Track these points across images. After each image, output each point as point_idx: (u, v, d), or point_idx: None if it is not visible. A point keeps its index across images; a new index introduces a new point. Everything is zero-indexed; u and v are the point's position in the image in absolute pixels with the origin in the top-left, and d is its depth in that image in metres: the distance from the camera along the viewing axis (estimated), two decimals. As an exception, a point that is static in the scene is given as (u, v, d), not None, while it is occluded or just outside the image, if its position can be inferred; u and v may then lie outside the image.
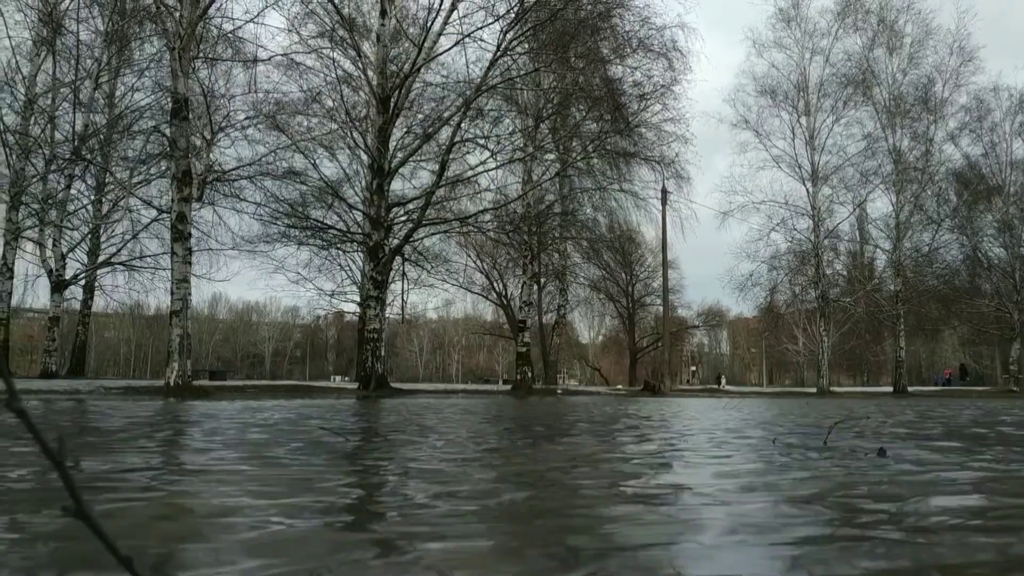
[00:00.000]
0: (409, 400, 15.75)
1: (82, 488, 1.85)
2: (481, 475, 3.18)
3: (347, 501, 2.50)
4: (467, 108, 21.07)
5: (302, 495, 2.57)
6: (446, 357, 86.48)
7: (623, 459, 3.89)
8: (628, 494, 2.67)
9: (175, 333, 16.10)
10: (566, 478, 3.10)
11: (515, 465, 3.59)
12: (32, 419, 0.64)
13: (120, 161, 25.21)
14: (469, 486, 2.83)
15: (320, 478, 3.03)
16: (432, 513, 2.24)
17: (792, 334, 49.76)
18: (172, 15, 17.67)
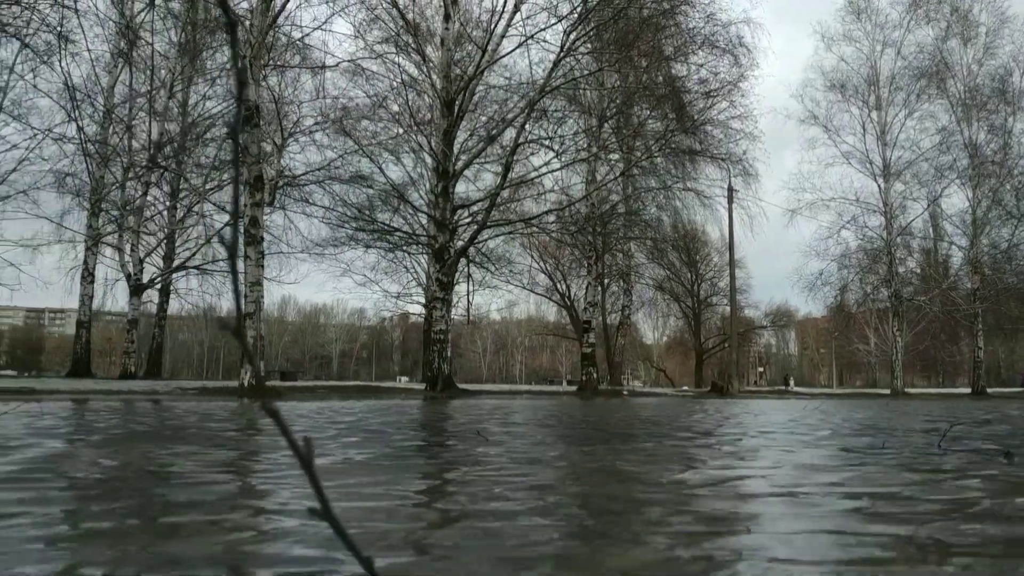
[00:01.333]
0: (479, 401, 15.81)
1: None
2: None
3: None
4: (531, 109, 21.10)
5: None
6: (509, 358, 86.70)
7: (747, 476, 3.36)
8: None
9: (248, 335, 16.47)
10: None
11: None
12: (284, 420, 0.66)
13: (194, 168, 25.92)
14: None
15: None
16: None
17: (863, 334, 48.54)
18: (243, 24, 18.11)
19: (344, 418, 7.83)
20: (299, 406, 10.88)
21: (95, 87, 25.58)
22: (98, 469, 3.29)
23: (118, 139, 25.67)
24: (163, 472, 3.20)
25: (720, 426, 7.22)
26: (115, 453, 3.94)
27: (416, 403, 13.48)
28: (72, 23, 20.51)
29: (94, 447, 4.32)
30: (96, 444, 4.51)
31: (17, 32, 18.71)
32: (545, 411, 10.67)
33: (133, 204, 25.33)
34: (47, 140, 24.53)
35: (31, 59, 24.04)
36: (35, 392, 13.21)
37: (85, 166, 25.14)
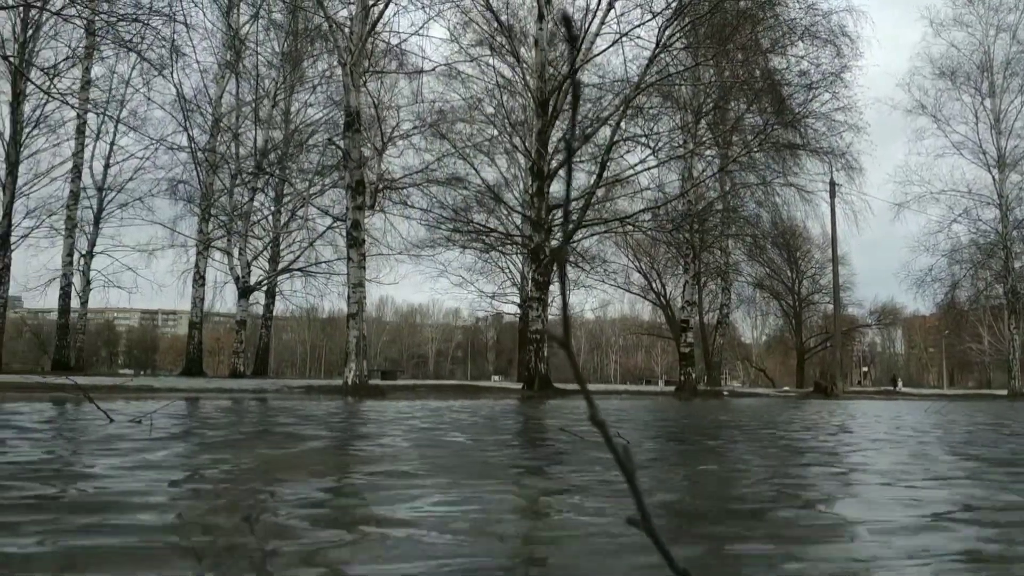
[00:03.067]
0: (578, 402, 15.79)
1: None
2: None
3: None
4: (626, 107, 20.96)
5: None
6: (603, 357, 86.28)
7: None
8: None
9: (352, 335, 16.90)
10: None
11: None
12: (609, 432, 0.68)
13: (297, 173, 26.76)
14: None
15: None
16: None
17: (976, 332, 46.34)
18: (343, 32, 18.58)
19: (473, 417, 7.95)
20: (428, 404, 11.09)
21: (204, 98, 26.74)
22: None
23: (226, 147, 26.72)
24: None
25: (855, 443, 7.01)
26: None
27: (525, 403, 13.58)
28: (183, 37, 21.49)
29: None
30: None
31: (134, 47, 19.61)
32: (658, 413, 10.59)
33: (240, 209, 26.33)
34: (161, 149, 25.80)
35: (145, 72, 25.35)
36: (154, 390, 13.86)
37: (196, 174, 26.32)
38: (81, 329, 28.65)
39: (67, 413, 7.26)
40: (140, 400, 10.16)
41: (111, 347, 69.08)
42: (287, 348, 74.68)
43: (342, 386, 16.95)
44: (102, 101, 26.06)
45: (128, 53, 23.66)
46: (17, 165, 24.44)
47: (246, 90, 27.68)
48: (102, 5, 19.25)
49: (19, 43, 23.60)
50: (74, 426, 5.69)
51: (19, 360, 54.68)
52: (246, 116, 27.31)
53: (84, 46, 25.08)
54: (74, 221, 26.44)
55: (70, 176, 26.41)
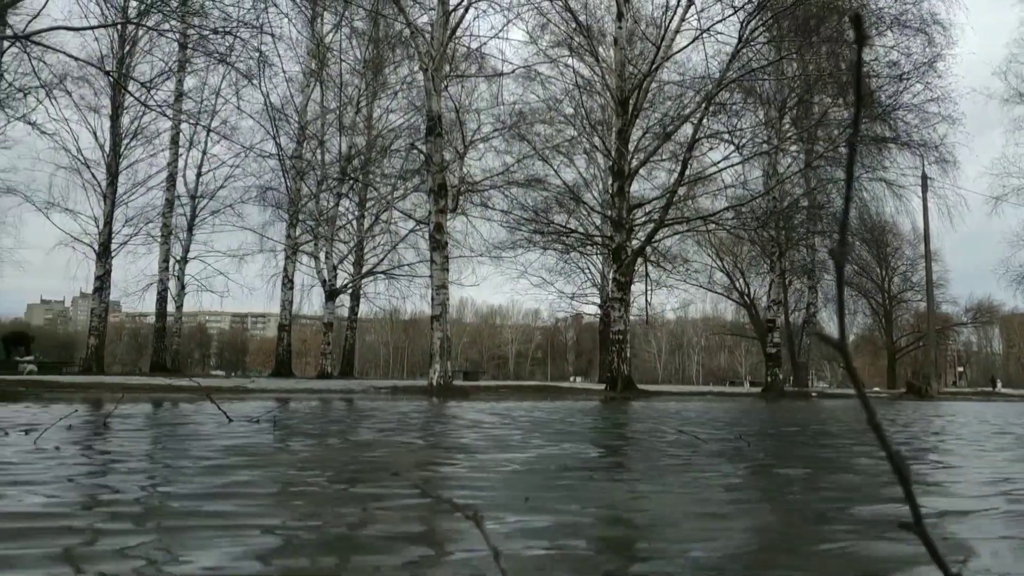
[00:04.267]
0: (664, 403, 15.65)
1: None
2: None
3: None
4: (708, 103, 20.65)
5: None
6: (685, 358, 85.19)
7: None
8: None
9: (436, 336, 17.12)
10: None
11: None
12: (885, 433, 0.68)
13: (380, 178, 27.25)
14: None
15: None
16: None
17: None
18: (424, 37, 18.84)
19: (588, 418, 7.97)
20: (521, 405, 11.18)
21: (290, 106, 27.49)
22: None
23: (312, 154, 27.40)
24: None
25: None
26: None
27: (613, 405, 13.54)
28: (270, 47, 22.13)
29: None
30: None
31: (223, 58, 20.23)
32: (761, 415, 10.42)
33: (326, 214, 26.96)
34: (250, 157, 26.62)
35: (235, 83, 26.19)
36: (248, 391, 14.30)
37: (284, 180, 27.06)
38: (176, 332, 29.74)
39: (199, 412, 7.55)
40: (241, 400, 10.51)
41: (203, 349, 71.59)
42: (371, 349, 76.08)
43: (427, 387, 17.18)
44: (194, 112, 27.02)
45: (218, 65, 24.53)
46: (117, 176, 25.57)
47: (330, 97, 28.37)
48: (193, 20, 19.95)
49: (118, 59, 24.68)
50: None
51: (119, 362, 57.34)
52: (330, 123, 27.97)
53: (177, 59, 26.08)
54: (169, 228, 27.49)
55: (165, 185, 27.50)
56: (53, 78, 20.45)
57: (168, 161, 27.61)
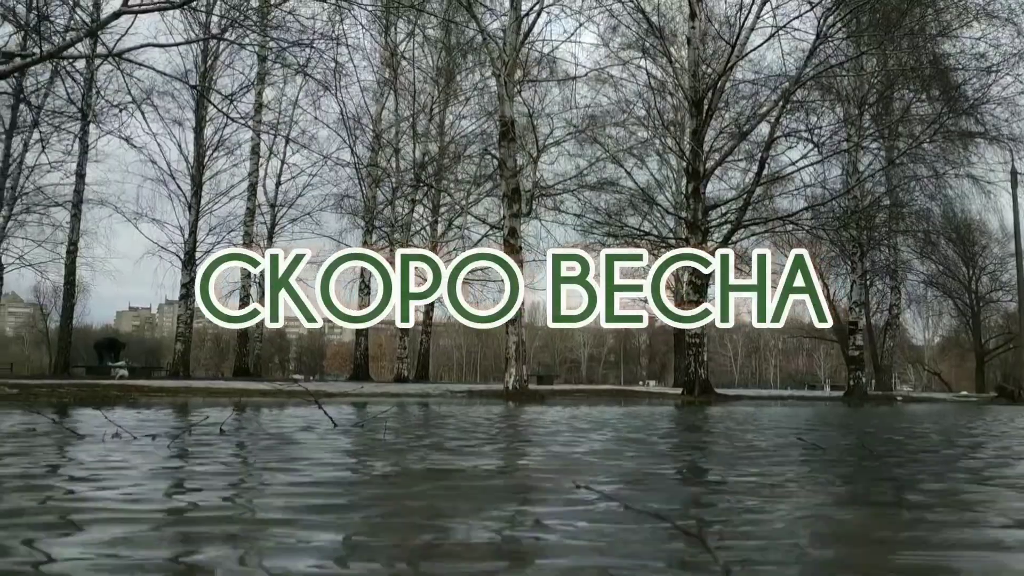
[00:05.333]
0: (746, 407, 15.40)
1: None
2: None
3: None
4: (786, 101, 20.27)
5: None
6: (762, 361, 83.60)
7: None
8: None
9: (511, 340, 17.20)
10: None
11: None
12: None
13: (453, 184, 27.54)
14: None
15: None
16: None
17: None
18: (496, 43, 18.97)
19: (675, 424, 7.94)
20: (604, 410, 11.17)
21: (365, 115, 28.00)
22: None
23: (387, 161, 27.85)
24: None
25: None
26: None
27: (693, 409, 13.40)
28: (345, 58, 22.57)
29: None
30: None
31: (302, 69, 20.71)
32: (853, 419, 10.20)
33: (401, 221, 27.35)
34: (327, 165, 27.21)
35: (312, 93, 26.84)
36: (330, 395, 14.59)
37: (360, 188, 27.57)
38: (258, 337, 30.54)
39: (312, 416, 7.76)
40: (328, 403, 10.72)
41: (283, 354, 73.33)
42: (444, 353, 76.82)
43: (503, 391, 17.26)
44: (273, 122, 27.75)
45: (295, 76, 25.17)
46: (201, 186, 26.43)
47: (404, 106, 28.80)
48: (273, 33, 20.48)
49: (200, 73, 25.52)
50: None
51: (203, 366, 59.16)
52: (404, 131, 28.39)
53: (257, 72, 26.85)
54: (251, 236, 28.25)
55: (246, 194, 28.30)
56: (141, 93, 21.20)
57: (249, 171, 28.40)
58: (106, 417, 5.98)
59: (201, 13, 22.32)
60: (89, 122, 19.55)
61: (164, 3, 12.96)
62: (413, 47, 28.33)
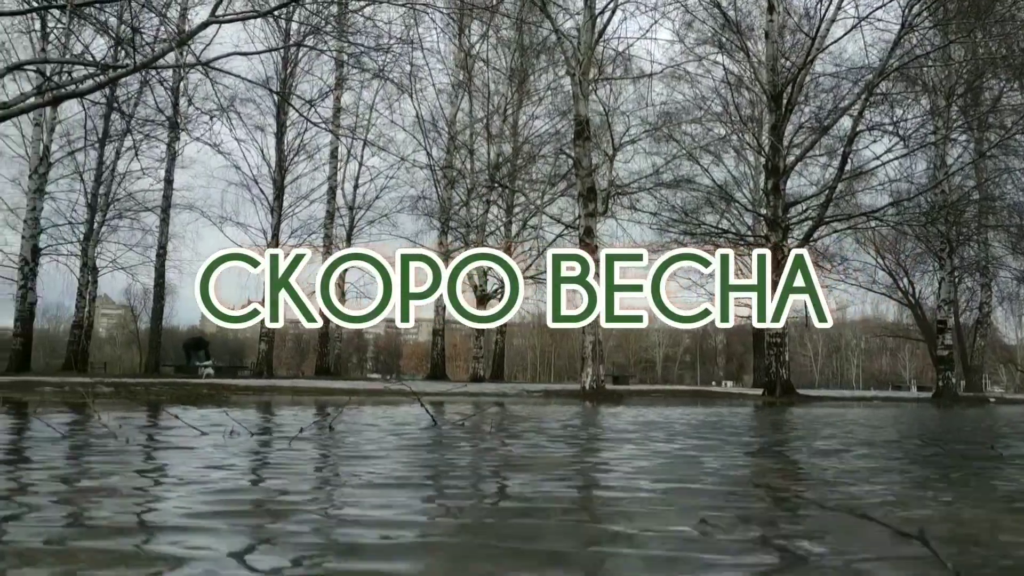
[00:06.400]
0: (832, 408, 15.06)
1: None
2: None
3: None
4: (869, 94, 19.72)
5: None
6: (843, 361, 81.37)
7: None
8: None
9: (588, 340, 17.16)
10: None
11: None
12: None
13: (528, 184, 27.61)
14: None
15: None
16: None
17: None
18: (571, 42, 18.94)
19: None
20: (696, 411, 11.09)
21: (440, 117, 28.31)
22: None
23: (461, 163, 28.09)
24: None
25: None
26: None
27: (775, 410, 13.19)
28: (420, 61, 22.84)
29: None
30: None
31: (379, 73, 21.03)
32: (950, 422, 9.89)
33: (476, 221, 27.55)
34: (404, 168, 27.63)
35: (388, 97, 27.28)
36: (412, 394, 14.78)
37: (435, 189, 27.88)
38: (338, 337, 31.18)
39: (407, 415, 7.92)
40: (412, 402, 10.90)
41: (361, 354, 74.59)
42: (518, 353, 76.93)
43: (579, 391, 17.24)
44: (352, 126, 28.29)
45: (371, 81, 25.61)
46: (283, 190, 27.10)
47: (478, 107, 29.00)
48: (351, 39, 20.87)
49: (281, 79, 26.18)
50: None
51: (284, 365, 60.65)
52: (478, 132, 28.59)
53: (335, 77, 27.41)
54: (330, 239, 28.86)
55: (326, 197, 28.91)
56: (225, 100, 21.85)
57: (328, 175, 29.02)
58: (228, 415, 6.29)
59: (282, 21, 22.89)
60: (182, 130, 20.23)
61: (250, 12, 13.34)
62: (487, 48, 28.52)
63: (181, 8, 21.17)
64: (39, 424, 5.72)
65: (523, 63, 27.91)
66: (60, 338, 42.81)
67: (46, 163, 24.67)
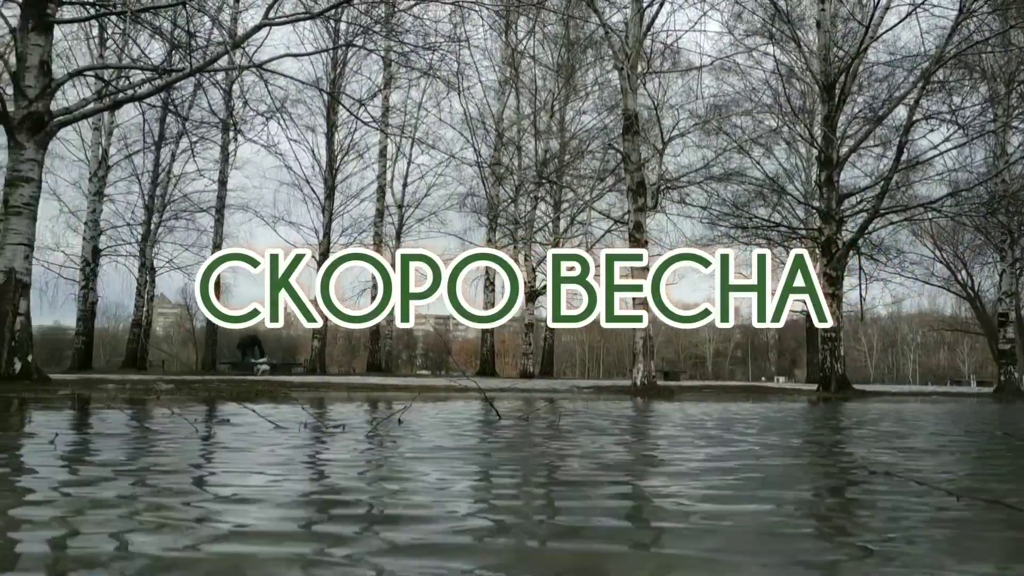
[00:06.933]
0: (890, 404, 14.78)
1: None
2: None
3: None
4: (925, 82, 19.26)
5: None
6: (899, 356, 79.69)
7: None
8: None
9: (639, 336, 17.06)
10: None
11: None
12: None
13: (576, 179, 27.54)
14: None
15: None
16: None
17: None
18: (618, 36, 18.81)
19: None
20: (753, 408, 11.00)
21: (487, 114, 28.37)
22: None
23: (509, 159, 28.13)
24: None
25: None
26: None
27: (832, 406, 13.00)
28: (468, 59, 22.91)
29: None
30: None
31: (427, 71, 21.10)
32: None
33: (524, 218, 27.56)
34: (451, 165, 27.76)
35: (436, 95, 27.42)
36: (464, 389, 14.87)
37: (483, 186, 27.96)
38: (389, 334, 31.45)
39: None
40: (466, 397, 10.96)
41: (411, 350, 75.22)
42: (567, 350, 76.80)
43: (630, 387, 17.14)
44: (400, 125, 28.50)
45: (419, 80, 25.76)
46: (333, 189, 27.43)
47: (524, 103, 29.01)
48: (398, 37, 21.00)
49: (331, 79, 26.47)
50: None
51: (335, 363, 61.39)
52: (525, 129, 28.59)
53: (384, 76, 27.63)
54: (380, 237, 29.14)
55: (376, 196, 29.18)
56: (276, 102, 22.17)
57: (378, 174, 29.29)
58: (304, 409, 6.45)
59: (331, 22, 23.14)
60: (239, 131, 20.59)
61: (303, 14, 13.52)
62: (533, 44, 28.50)
63: (232, 12, 21.59)
64: (156, 421, 5.87)
65: (570, 58, 27.81)
66: (120, 336, 43.94)
67: (104, 166, 25.34)
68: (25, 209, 11.90)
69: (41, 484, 2.72)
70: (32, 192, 12.01)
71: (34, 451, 3.78)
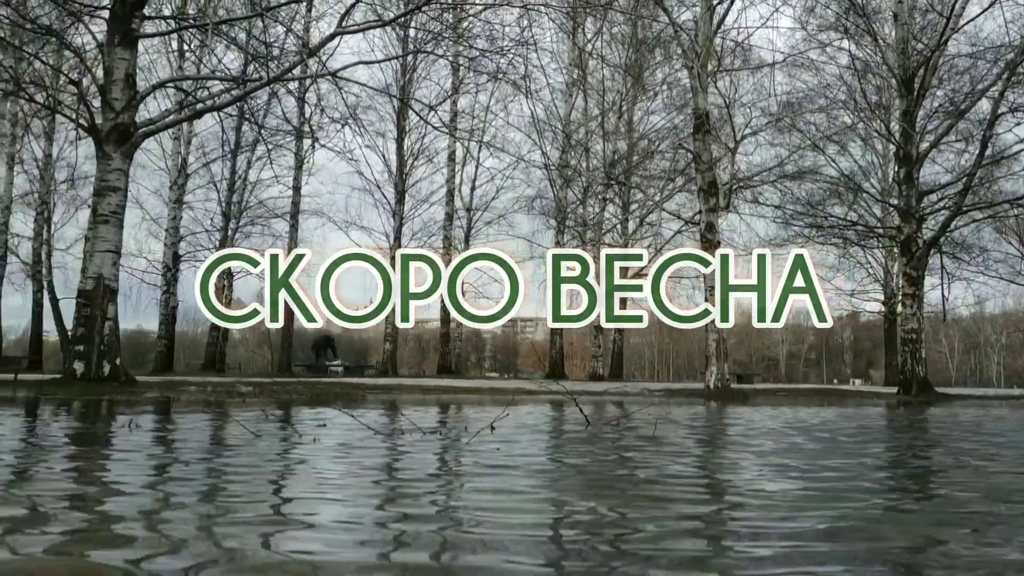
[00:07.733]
0: (979, 408, 14.27)
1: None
2: None
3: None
4: (1011, 74, 18.56)
5: None
6: (982, 358, 76.83)
7: None
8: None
9: (711, 338, 16.81)
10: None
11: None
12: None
13: (644, 180, 27.33)
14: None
15: None
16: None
17: None
18: (688, 34, 18.59)
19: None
20: (844, 412, 10.77)
21: (554, 115, 28.36)
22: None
23: (577, 161, 28.07)
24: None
25: None
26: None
27: (917, 410, 12.63)
28: (535, 61, 22.93)
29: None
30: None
31: (496, 74, 21.19)
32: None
33: (593, 219, 27.47)
34: (519, 168, 27.83)
35: (503, 98, 27.55)
36: (533, 392, 14.89)
37: (551, 188, 27.97)
38: (458, 337, 31.69)
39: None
40: (536, 402, 10.97)
41: (479, 352, 75.71)
42: (635, 352, 76.23)
43: (703, 390, 16.93)
44: (468, 129, 28.72)
45: (487, 84, 25.92)
46: (404, 194, 27.78)
47: (592, 104, 28.91)
48: (466, 42, 21.15)
49: (400, 86, 26.84)
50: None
51: (405, 364, 62.12)
52: (593, 130, 28.49)
53: (452, 81, 27.89)
54: (449, 240, 29.39)
55: (445, 200, 29.45)
56: (349, 109, 22.56)
57: (447, 178, 29.57)
58: (403, 415, 6.59)
59: (400, 28, 23.46)
60: (316, 139, 21.04)
61: (375, 22, 13.75)
62: (601, 45, 28.37)
63: (305, 22, 22.06)
64: (267, 427, 6.04)
65: (638, 58, 27.61)
66: (199, 340, 45.22)
67: (184, 174, 26.16)
68: (112, 217, 12.36)
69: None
70: (119, 201, 12.48)
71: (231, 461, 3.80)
